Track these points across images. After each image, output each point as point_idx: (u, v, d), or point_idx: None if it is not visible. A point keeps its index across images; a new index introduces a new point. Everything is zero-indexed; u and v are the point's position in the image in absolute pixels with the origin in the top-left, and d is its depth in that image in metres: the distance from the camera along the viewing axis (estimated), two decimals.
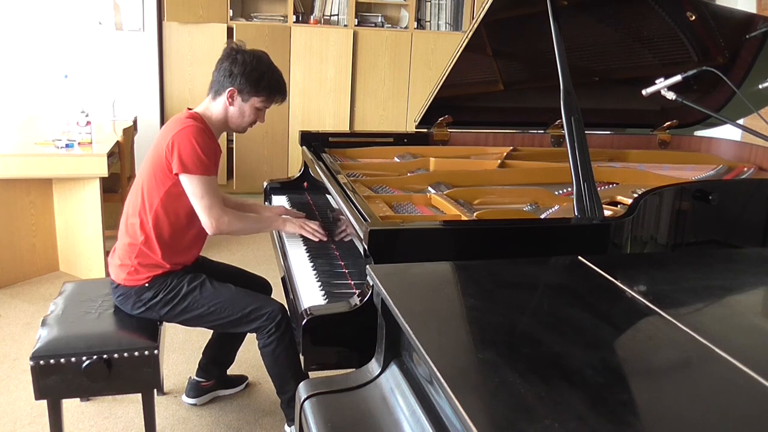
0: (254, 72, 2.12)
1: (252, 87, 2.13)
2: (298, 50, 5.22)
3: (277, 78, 2.20)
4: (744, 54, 2.67)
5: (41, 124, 4.12)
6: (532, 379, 1.01)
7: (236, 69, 2.11)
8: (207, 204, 2.06)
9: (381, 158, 2.69)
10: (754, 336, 1.24)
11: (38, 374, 1.92)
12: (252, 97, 2.14)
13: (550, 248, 1.77)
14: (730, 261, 1.69)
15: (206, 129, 2.11)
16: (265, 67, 2.15)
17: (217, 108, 2.17)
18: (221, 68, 2.14)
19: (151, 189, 2.09)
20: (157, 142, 2.13)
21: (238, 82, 2.11)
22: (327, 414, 1.31)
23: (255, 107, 2.17)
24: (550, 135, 2.93)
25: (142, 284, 2.08)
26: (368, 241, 1.60)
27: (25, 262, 3.56)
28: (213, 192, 2.08)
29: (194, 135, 2.05)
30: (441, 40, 5.45)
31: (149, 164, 2.12)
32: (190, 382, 2.51)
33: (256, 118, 2.21)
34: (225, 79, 2.13)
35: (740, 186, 2.40)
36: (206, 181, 2.06)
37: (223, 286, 2.13)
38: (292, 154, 5.35)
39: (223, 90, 2.13)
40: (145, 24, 5.01)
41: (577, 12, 2.37)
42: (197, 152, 2.03)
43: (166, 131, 2.12)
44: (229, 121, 2.18)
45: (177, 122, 2.11)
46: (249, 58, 2.13)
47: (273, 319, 2.06)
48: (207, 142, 2.07)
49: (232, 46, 2.17)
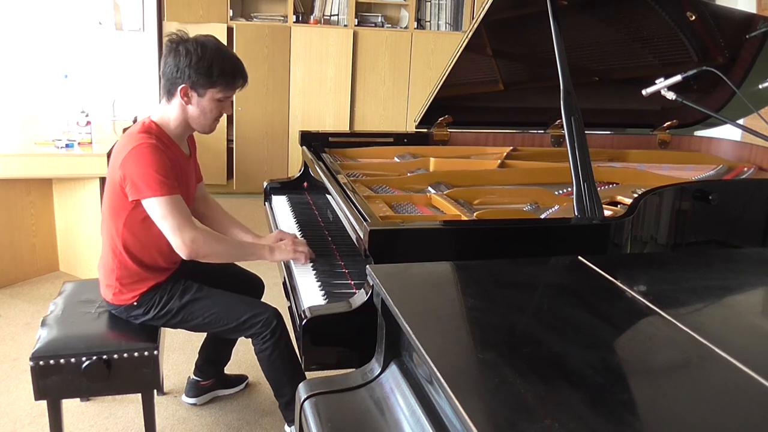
0: (202, 61, 1.89)
1: (205, 78, 1.91)
2: (298, 50, 5.22)
3: (231, 61, 1.96)
4: (744, 54, 2.67)
5: (41, 124, 4.12)
6: (532, 379, 1.01)
7: (181, 62, 1.90)
8: (175, 224, 1.88)
9: (381, 158, 2.69)
10: (754, 336, 1.24)
11: (38, 374, 1.92)
12: (208, 90, 1.93)
13: (550, 248, 1.77)
14: (730, 261, 1.69)
15: (160, 144, 1.92)
16: (212, 52, 1.92)
17: (174, 111, 1.98)
18: (166, 66, 1.93)
19: (113, 216, 1.97)
20: (111, 165, 1.98)
21: (188, 76, 1.90)
22: (327, 414, 1.31)
23: (215, 100, 1.96)
24: (550, 135, 2.93)
25: (130, 303, 2.04)
26: (368, 241, 1.60)
27: (25, 262, 3.56)
28: (179, 210, 1.89)
29: (146, 155, 1.86)
30: (441, 40, 5.45)
31: (107, 190, 1.98)
32: (189, 381, 2.51)
33: (220, 111, 2.00)
34: (174, 77, 1.92)
35: (740, 186, 2.40)
36: (169, 201, 1.87)
37: (216, 295, 2.06)
38: (292, 154, 5.35)
39: (175, 89, 1.93)
40: (145, 24, 5.01)
41: (577, 12, 2.37)
42: (151, 173, 1.85)
43: (117, 153, 1.94)
44: (190, 122, 2.00)
45: (128, 140, 1.93)
46: (192, 47, 1.90)
47: (268, 325, 2.01)
48: (161, 159, 1.89)
49: (171, 38, 1.94)
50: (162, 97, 2.01)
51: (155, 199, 1.87)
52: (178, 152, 2.03)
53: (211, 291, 2.07)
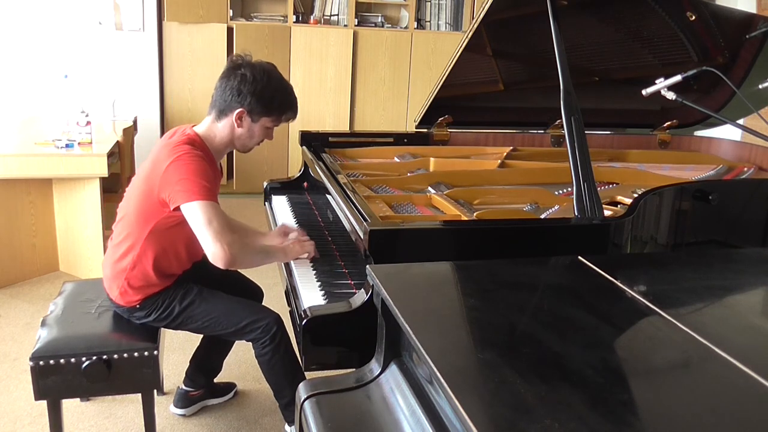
0: (266, 91, 1.94)
1: (264, 108, 1.96)
2: (298, 50, 5.22)
3: (290, 95, 2.03)
4: (744, 54, 2.67)
5: (41, 124, 4.12)
6: (532, 379, 1.01)
7: (245, 88, 1.93)
8: (217, 229, 1.85)
9: (381, 158, 2.69)
10: (754, 336, 1.24)
11: (38, 374, 1.92)
12: (262, 118, 1.99)
13: (550, 248, 1.77)
14: (730, 261, 1.69)
15: (205, 155, 1.95)
16: (276, 83, 1.98)
17: (223, 130, 2.00)
18: (227, 87, 1.95)
19: (140, 221, 1.97)
20: (147, 172, 1.96)
21: (248, 102, 1.94)
22: (327, 414, 1.31)
23: (265, 127, 2.02)
24: (550, 135, 2.93)
25: (134, 305, 2.04)
26: (368, 241, 1.60)
27: (25, 262, 3.56)
28: (222, 217, 1.89)
29: (193, 162, 1.89)
30: (441, 40, 5.45)
31: (136, 194, 1.98)
32: (179, 392, 2.46)
33: (264, 137, 2.05)
34: (232, 99, 1.94)
35: (740, 186, 2.40)
36: (213, 206, 1.88)
37: (216, 298, 2.06)
38: (292, 154, 5.35)
39: (230, 111, 1.96)
40: (145, 24, 5.01)
41: (577, 12, 2.37)
42: (197, 179, 1.87)
43: (157, 161, 1.93)
44: (235, 142, 2.03)
45: (171, 150, 1.92)
46: (259, 75, 1.94)
47: (268, 331, 2.00)
48: (206, 168, 1.92)
49: (238, 61, 1.98)
50: (211, 113, 2.02)
51: (199, 204, 1.86)
52: (215, 167, 2.04)
53: (212, 294, 2.07)
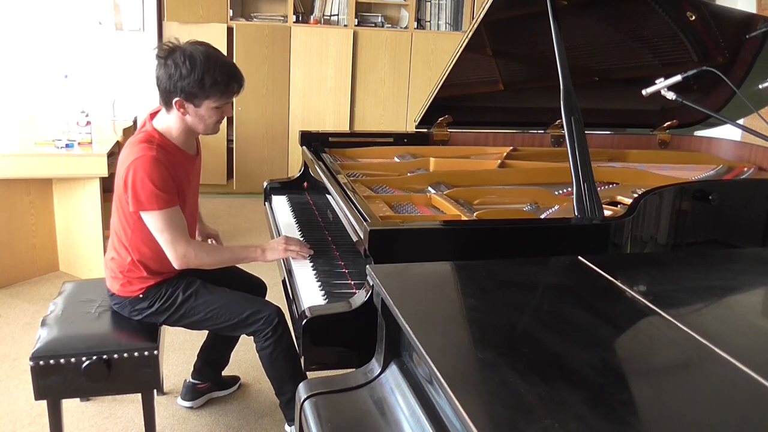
0: (191, 74, 1.86)
1: (198, 91, 1.88)
2: (298, 50, 5.22)
3: (222, 69, 1.90)
4: (744, 54, 2.67)
5: (41, 124, 4.13)
6: (532, 379, 1.01)
7: (172, 77, 1.87)
8: (168, 238, 1.93)
9: (381, 158, 2.69)
10: (754, 336, 1.24)
11: (38, 374, 1.92)
12: (203, 101, 1.92)
13: (550, 248, 1.77)
14: (730, 261, 1.69)
15: (161, 154, 1.92)
16: (201, 64, 1.86)
17: (175, 121, 1.97)
18: (160, 80, 1.90)
19: (122, 220, 2.01)
20: (117, 172, 2.00)
21: (180, 90, 1.88)
22: (327, 414, 1.31)
23: (212, 107, 1.94)
24: (550, 135, 2.93)
25: (136, 295, 2.06)
26: (368, 241, 1.60)
27: (25, 262, 3.56)
28: (174, 225, 1.93)
29: (146, 168, 1.87)
30: (441, 40, 5.45)
31: (117, 192, 2.00)
32: (186, 385, 2.50)
33: (220, 115, 1.98)
34: (167, 91, 1.90)
35: (740, 186, 2.40)
36: (165, 214, 1.91)
37: (219, 291, 2.08)
38: (292, 154, 5.35)
39: (170, 101, 1.92)
40: (145, 24, 5.01)
41: (577, 12, 2.37)
42: (150, 187, 1.87)
43: (120, 163, 1.97)
44: (192, 129, 2.00)
45: (130, 151, 1.94)
46: (180, 60, 1.86)
47: (270, 323, 2.02)
48: (160, 172, 1.89)
49: (159, 52, 1.90)
50: (161, 106, 1.99)
51: (151, 213, 1.92)
52: (183, 156, 2.03)
53: (215, 287, 2.10)
